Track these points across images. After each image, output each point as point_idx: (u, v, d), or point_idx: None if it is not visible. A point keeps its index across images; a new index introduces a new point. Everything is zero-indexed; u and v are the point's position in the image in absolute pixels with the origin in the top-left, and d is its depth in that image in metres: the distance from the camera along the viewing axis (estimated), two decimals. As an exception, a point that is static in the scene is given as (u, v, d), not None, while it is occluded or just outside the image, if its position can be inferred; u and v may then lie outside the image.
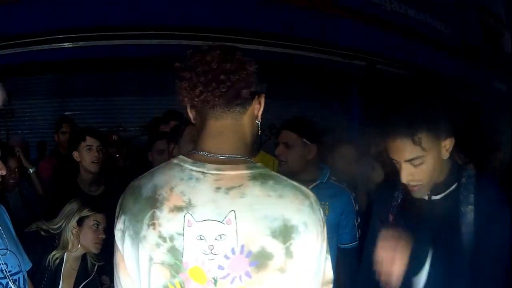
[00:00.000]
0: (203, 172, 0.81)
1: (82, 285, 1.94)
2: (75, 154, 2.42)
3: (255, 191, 0.79)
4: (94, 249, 1.93)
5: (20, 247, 1.47)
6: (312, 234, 0.81)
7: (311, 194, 0.86)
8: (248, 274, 0.77)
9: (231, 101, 0.84)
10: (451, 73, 6.88)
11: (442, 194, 1.23)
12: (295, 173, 1.91)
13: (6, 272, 1.31)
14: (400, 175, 1.20)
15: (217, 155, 0.84)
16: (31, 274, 1.70)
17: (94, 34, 4.35)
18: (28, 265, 1.55)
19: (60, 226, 1.89)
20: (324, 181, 1.98)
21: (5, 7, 4.22)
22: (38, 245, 1.80)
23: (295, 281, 0.79)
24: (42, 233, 1.87)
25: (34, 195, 2.87)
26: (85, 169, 2.40)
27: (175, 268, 0.79)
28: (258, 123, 0.92)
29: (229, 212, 0.77)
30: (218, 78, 0.81)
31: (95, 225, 1.92)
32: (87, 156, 2.40)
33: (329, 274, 0.89)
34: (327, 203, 1.93)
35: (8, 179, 2.65)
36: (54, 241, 1.89)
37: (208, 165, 0.82)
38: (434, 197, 1.24)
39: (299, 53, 5.13)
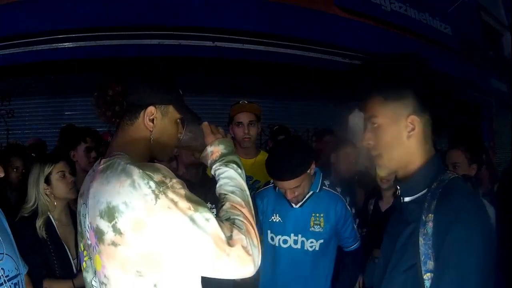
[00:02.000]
0: (93, 170, 1.10)
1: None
2: (72, 154, 2.43)
3: (97, 181, 1.01)
4: (71, 195, 1.94)
5: (16, 249, 1.46)
6: (138, 209, 0.92)
7: (136, 171, 0.95)
8: (97, 244, 0.99)
9: (109, 119, 1.09)
10: (451, 72, 6.88)
11: (413, 197, 1.08)
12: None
13: (4, 277, 1.30)
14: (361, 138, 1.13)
15: (106, 156, 1.08)
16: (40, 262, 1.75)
17: (94, 34, 4.35)
18: (25, 269, 1.54)
19: (35, 199, 1.88)
20: (317, 190, 1.93)
21: (5, 7, 4.22)
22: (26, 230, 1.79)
23: (139, 254, 0.93)
24: (26, 215, 1.86)
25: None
26: (82, 169, 2.41)
27: (81, 235, 1.11)
28: (151, 133, 1.09)
29: (87, 199, 1.03)
30: (94, 103, 1.11)
31: (62, 175, 1.93)
32: (85, 157, 2.40)
33: (219, 233, 0.94)
34: (322, 215, 1.91)
35: (14, 177, 2.70)
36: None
37: (100, 164, 1.07)
38: (406, 199, 1.10)
39: (299, 53, 5.13)
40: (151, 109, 1.08)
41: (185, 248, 0.92)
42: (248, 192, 1.12)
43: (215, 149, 1.18)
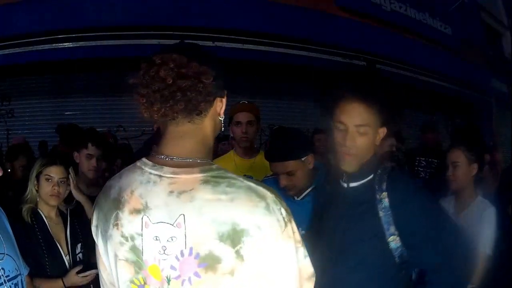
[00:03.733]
0: (160, 176, 0.85)
1: (68, 231, 2.00)
2: (75, 155, 2.42)
3: (205, 194, 0.81)
4: (51, 201, 1.97)
5: (18, 250, 1.46)
6: (268, 235, 0.81)
7: (268, 195, 0.84)
8: (197, 274, 0.80)
9: (191, 113, 0.86)
10: (451, 73, 6.88)
11: (360, 182, 1.35)
12: (301, 189, 1.87)
13: (4, 277, 1.30)
14: (343, 141, 1.30)
15: (175, 158, 0.87)
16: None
17: (94, 34, 4.36)
18: (26, 270, 1.54)
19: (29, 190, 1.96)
20: (320, 184, 1.85)
21: (5, 7, 4.23)
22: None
23: (247, 283, 0.80)
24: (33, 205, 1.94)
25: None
26: (83, 173, 2.41)
27: (138, 265, 0.86)
28: (221, 120, 0.95)
29: (179, 216, 0.81)
30: (175, 95, 0.82)
31: (48, 179, 1.95)
32: (86, 163, 2.39)
33: (309, 269, 0.90)
34: None
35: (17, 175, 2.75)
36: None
37: (165, 169, 0.85)
38: (352, 185, 1.35)
39: (299, 53, 5.14)
40: (223, 94, 0.94)
41: (280, 277, 0.85)
42: None
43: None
